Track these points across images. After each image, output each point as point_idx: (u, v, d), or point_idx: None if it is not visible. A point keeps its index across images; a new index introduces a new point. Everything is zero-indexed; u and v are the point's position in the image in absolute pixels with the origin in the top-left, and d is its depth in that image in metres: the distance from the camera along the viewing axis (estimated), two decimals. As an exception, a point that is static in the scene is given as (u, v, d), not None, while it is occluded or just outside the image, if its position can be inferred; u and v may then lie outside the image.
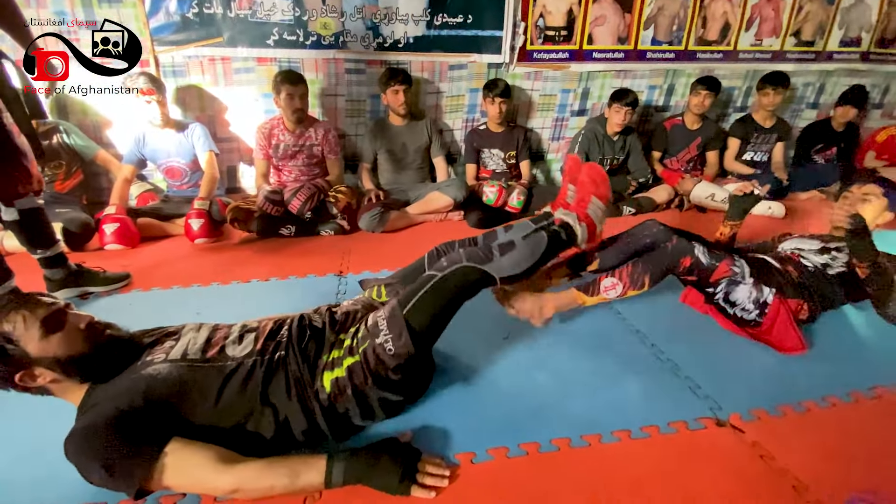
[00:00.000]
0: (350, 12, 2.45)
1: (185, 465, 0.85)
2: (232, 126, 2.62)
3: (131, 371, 0.94)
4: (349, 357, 1.01)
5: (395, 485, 0.91)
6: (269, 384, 0.97)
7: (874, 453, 1.05)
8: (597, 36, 2.78)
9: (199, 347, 1.00)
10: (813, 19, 3.01)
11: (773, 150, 3.02)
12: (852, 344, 1.47)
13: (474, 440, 1.06)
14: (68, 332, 0.89)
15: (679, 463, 1.02)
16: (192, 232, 2.20)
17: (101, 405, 0.87)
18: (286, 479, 0.88)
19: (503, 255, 1.15)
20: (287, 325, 1.09)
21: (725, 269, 1.34)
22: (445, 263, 1.10)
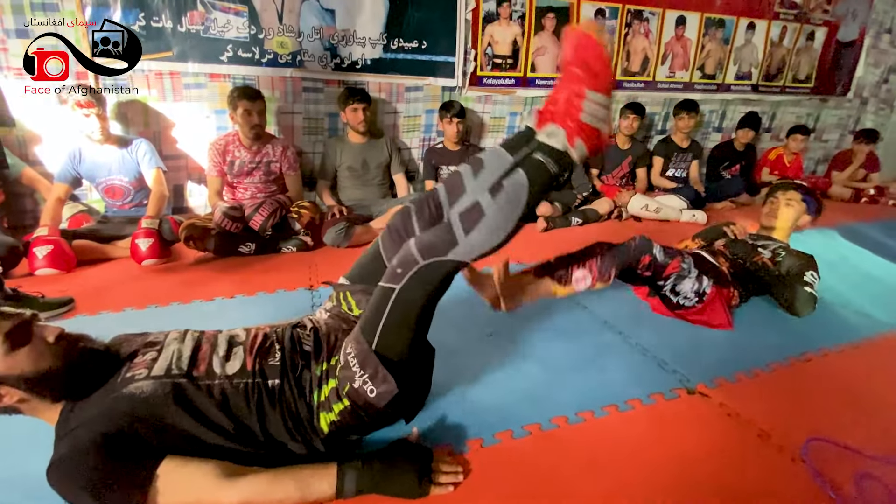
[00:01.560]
0: (308, 32, 2.49)
1: (184, 485, 0.78)
2: (180, 143, 2.51)
3: (110, 388, 0.84)
4: (337, 402, 0.90)
5: (415, 489, 0.88)
6: (265, 416, 0.89)
7: (816, 404, 1.23)
8: (539, 64, 3.04)
9: (184, 363, 0.89)
10: (713, 56, 3.54)
11: (689, 167, 3.45)
12: (780, 320, 1.69)
13: (480, 427, 1.09)
14: (35, 347, 0.79)
15: (664, 426, 1.13)
16: (139, 253, 2.05)
17: (81, 429, 0.78)
18: (295, 491, 0.83)
19: (470, 230, 0.86)
20: (278, 342, 0.99)
21: (676, 266, 1.48)
22: (399, 270, 0.88)
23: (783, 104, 4.03)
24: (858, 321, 1.71)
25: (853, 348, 1.52)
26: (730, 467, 1.01)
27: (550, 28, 2.99)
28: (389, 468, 0.88)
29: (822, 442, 1.07)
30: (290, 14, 2.44)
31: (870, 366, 1.43)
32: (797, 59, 3.90)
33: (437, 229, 0.90)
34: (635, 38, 3.25)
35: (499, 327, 1.52)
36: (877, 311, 1.80)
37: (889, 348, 1.55)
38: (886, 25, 4.23)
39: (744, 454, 1.05)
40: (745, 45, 3.62)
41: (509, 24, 2.89)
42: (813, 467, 1.00)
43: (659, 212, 2.94)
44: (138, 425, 0.80)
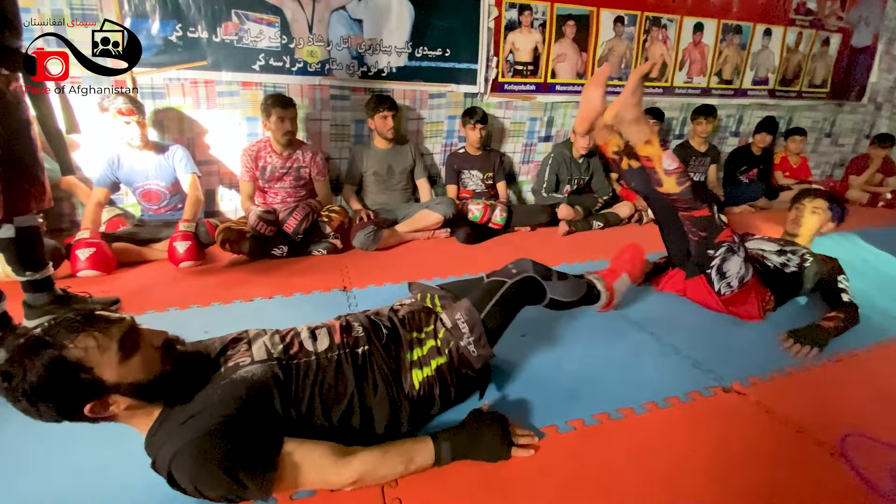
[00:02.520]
0: (336, 42, 2.56)
1: (309, 462, 0.84)
2: (212, 149, 2.58)
3: (218, 379, 0.88)
4: (437, 357, 1.05)
5: (499, 449, 0.97)
6: (361, 378, 0.98)
7: (849, 402, 1.26)
8: (559, 71, 3.10)
9: (279, 347, 0.98)
10: (730, 62, 3.57)
11: (707, 172, 3.48)
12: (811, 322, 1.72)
13: (526, 423, 1.13)
14: (145, 353, 0.80)
15: (703, 423, 1.16)
16: (177, 255, 2.12)
17: (200, 417, 0.80)
18: (401, 465, 0.91)
19: (559, 280, 1.24)
20: (355, 319, 1.11)
21: (729, 235, 1.51)
22: (514, 270, 1.16)
23: (799, 109, 4.06)
24: (885, 322, 1.73)
25: (882, 348, 1.55)
26: (769, 461, 1.04)
27: (571, 35, 3.05)
28: (476, 435, 0.98)
29: (859, 437, 1.11)
30: (320, 24, 2.52)
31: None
32: (813, 64, 3.92)
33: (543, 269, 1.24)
34: (654, 45, 3.29)
35: (533, 329, 1.57)
36: (902, 312, 1.82)
37: (917, 349, 1.58)
38: (900, 31, 4.24)
39: (782, 449, 1.08)
40: (761, 51, 3.66)
41: (530, 31, 2.95)
42: (851, 462, 1.04)
43: (678, 216, 2.97)
44: (255, 406, 0.85)
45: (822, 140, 4.36)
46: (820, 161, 4.46)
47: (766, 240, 1.93)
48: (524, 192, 3.33)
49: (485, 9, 2.80)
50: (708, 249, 1.54)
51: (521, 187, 3.33)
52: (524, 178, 3.31)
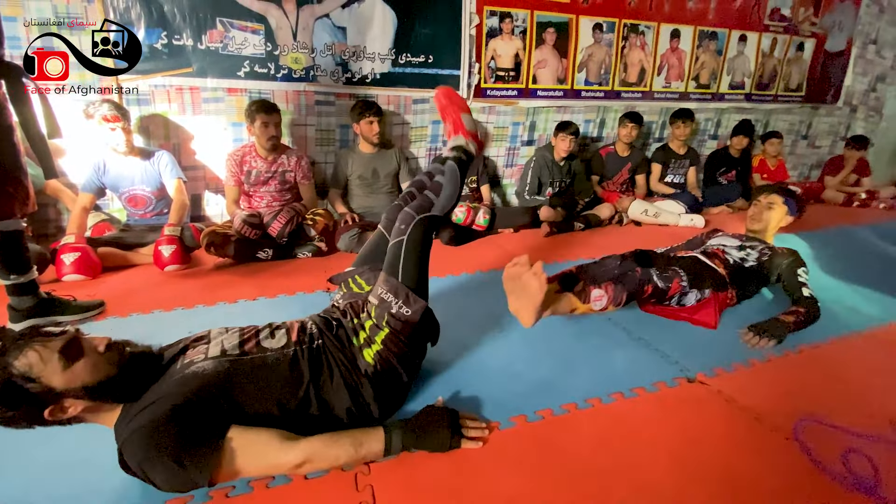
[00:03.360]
0: (320, 49, 2.61)
1: (253, 447, 0.89)
2: (198, 154, 2.62)
3: (171, 375, 0.95)
4: (378, 332, 1.11)
5: (448, 441, 1.02)
6: (316, 369, 1.04)
7: (807, 391, 1.32)
8: (540, 77, 3.17)
9: (235, 344, 1.03)
10: (707, 67, 3.68)
11: (687, 174, 3.57)
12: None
13: (495, 413, 1.18)
14: (90, 358, 0.87)
15: (666, 411, 1.22)
16: (162, 259, 2.14)
17: (152, 406, 0.87)
18: (351, 448, 0.95)
19: (437, 194, 1.31)
20: (310, 321, 1.18)
21: (676, 287, 1.59)
22: (402, 226, 1.21)
23: (776, 112, 4.17)
24: (848, 316, 1.80)
25: (843, 341, 1.61)
26: (727, 446, 1.10)
27: (551, 42, 3.13)
28: (426, 426, 1.03)
29: (812, 422, 1.17)
30: (304, 31, 2.57)
31: (858, 356, 1.53)
32: (788, 68, 4.04)
33: (421, 198, 1.33)
34: (632, 51, 3.38)
35: (508, 324, 1.61)
36: (865, 306, 1.90)
37: (875, 340, 1.64)
38: (872, 36, 4.38)
39: (740, 435, 1.14)
40: (737, 56, 3.76)
41: (511, 38, 3.02)
42: (804, 445, 1.09)
43: (658, 216, 3.05)
44: (204, 398, 0.90)
45: (799, 142, 4.48)
46: (797, 163, 4.57)
47: (730, 236, 2.00)
48: (508, 194, 3.39)
49: (466, 16, 2.87)
50: (664, 302, 1.66)
51: (505, 190, 3.39)
52: (508, 181, 3.37)
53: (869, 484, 0.99)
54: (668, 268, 1.63)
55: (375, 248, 1.43)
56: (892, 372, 1.44)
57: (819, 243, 2.73)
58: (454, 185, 1.33)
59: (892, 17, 4.40)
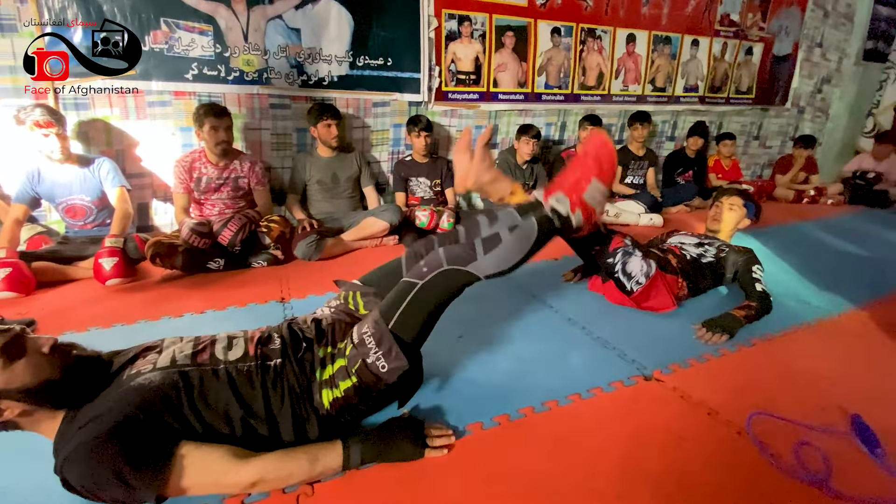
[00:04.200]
0: (273, 51, 2.53)
1: (204, 464, 0.84)
2: (144, 161, 2.48)
3: (117, 385, 0.89)
4: (345, 379, 0.98)
5: (411, 451, 0.97)
6: (268, 391, 0.96)
7: (760, 384, 1.33)
8: (500, 80, 3.18)
9: (187, 354, 0.96)
10: (662, 71, 3.78)
11: (646, 175, 3.64)
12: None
13: (453, 420, 1.14)
14: (32, 358, 0.81)
15: (623, 411, 1.20)
16: (103, 272, 2.00)
17: (93, 423, 0.81)
18: (307, 464, 0.90)
19: (487, 251, 1.04)
20: (277, 331, 1.08)
21: (619, 241, 1.62)
22: (425, 269, 1.03)
23: (728, 114, 4.33)
24: (799, 308, 1.85)
25: (793, 333, 1.65)
26: (681, 443, 1.09)
27: (510, 45, 3.14)
28: (388, 438, 0.98)
29: (765, 416, 1.17)
30: (256, 33, 2.48)
31: (809, 347, 1.56)
32: (738, 72, 4.20)
33: (463, 246, 1.08)
34: (590, 55, 3.44)
35: (469, 330, 1.58)
36: (814, 298, 1.96)
37: (824, 331, 1.69)
38: (817, 40, 4.62)
39: (693, 431, 1.13)
40: (690, 60, 3.89)
41: (471, 41, 3.01)
42: (756, 439, 1.10)
43: (619, 216, 3.09)
44: (149, 413, 0.84)
45: (751, 143, 4.66)
46: (750, 162, 4.76)
47: (689, 235, 2.04)
48: (474, 197, 3.37)
49: (424, 19, 2.84)
50: (606, 259, 1.64)
51: (471, 193, 3.37)
52: (472, 185, 3.35)
53: (820, 477, 0.99)
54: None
55: (388, 273, 1.24)
56: (840, 362, 1.48)
57: (771, 239, 2.82)
58: (518, 248, 1.06)
59: (835, 21, 4.65)
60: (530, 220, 1.10)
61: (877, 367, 1.47)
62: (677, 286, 1.75)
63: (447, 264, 1.03)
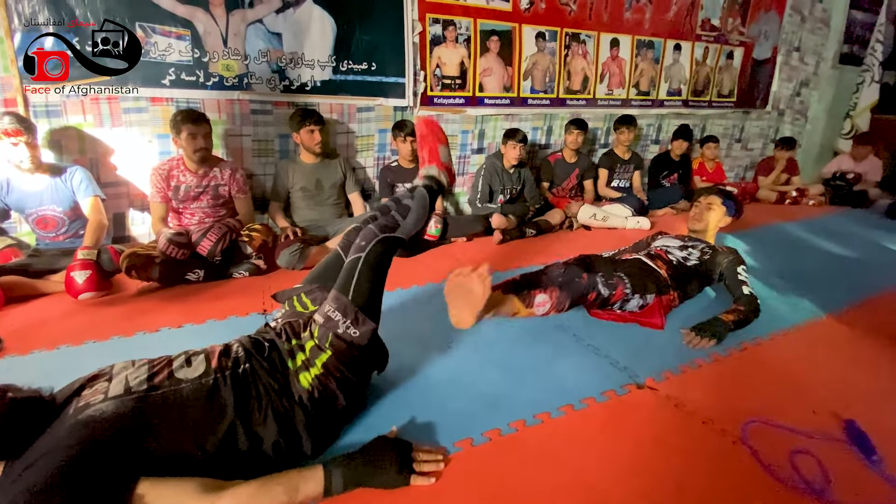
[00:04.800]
0: (254, 55, 2.47)
1: (167, 502, 0.76)
2: (120, 169, 2.40)
3: (62, 422, 0.81)
4: (320, 354, 1.02)
5: (395, 477, 0.92)
6: (243, 398, 0.92)
7: (753, 389, 1.32)
8: (486, 85, 3.16)
9: (142, 379, 0.89)
10: (646, 75, 3.80)
11: (632, 178, 3.66)
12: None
13: (442, 436, 1.10)
14: None
15: (616, 421, 1.17)
16: (75, 286, 1.92)
17: (37, 465, 0.73)
18: (284, 496, 0.83)
19: (405, 217, 1.28)
20: (237, 343, 1.05)
21: (620, 294, 1.59)
22: (363, 243, 1.16)
23: (711, 117, 4.38)
24: (787, 311, 1.85)
25: (783, 336, 1.65)
26: (677, 454, 1.06)
27: (495, 50, 3.13)
28: (372, 461, 0.93)
29: (759, 423, 1.15)
30: (235, 38, 2.42)
31: (798, 350, 1.56)
32: (720, 76, 4.26)
33: (386, 218, 1.28)
34: (575, 59, 3.44)
35: (459, 338, 1.54)
36: (802, 300, 1.96)
37: (814, 333, 1.69)
38: (795, 44, 4.71)
39: (689, 441, 1.11)
40: (673, 65, 3.92)
41: (455, 46, 2.99)
42: (751, 447, 1.07)
43: (606, 220, 3.09)
44: (101, 449, 0.76)
45: (734, 145, 4.72)
46: (733, 165, 4.82)
47: (673, 237, 2.03)
48: (461, 203, 3.34)
49: (409, 24, 2.81)
50: (608, 307, 1.65)
51: (457, 199, 3.34)
52: (460, 190, 3.33)
53: (819, 486, 0.97)
54: (614, 274, 1.62)
55: (329, 267, 1.32)
56: (829, 365, 1.48)
57: (756, 240, 2.84)
58: (422, 211, 1.32)
59: (812, 25, 4.75)
60: (420, 189, 1.37)
61: (865, 369, 1.47)
62: (670, 301, 1.73)
63: (381, 233, 1.18)
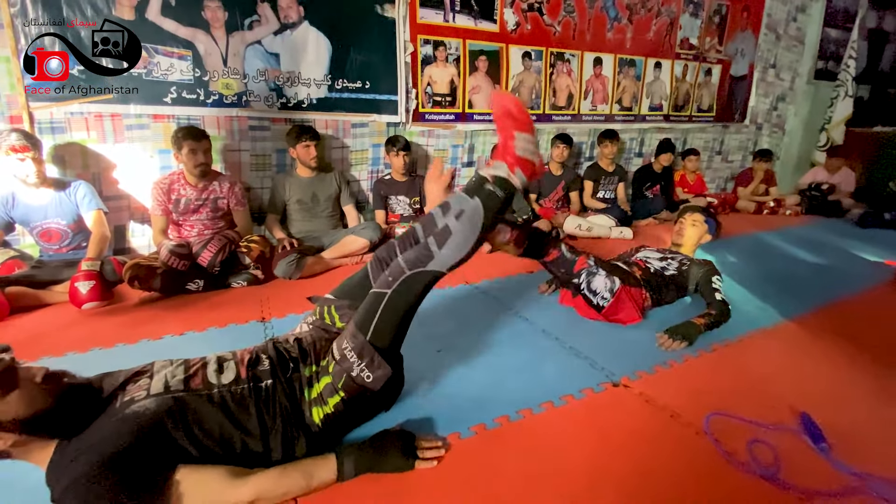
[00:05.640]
0: (252, 75, 2.59)
1: (202, 487, 0.86)
2: (121, 184, 2.49)
3: (110, 414, 0.89)
4: (333, 395, 1.04)
5: (402, 463, 1.01)
6: (263, 413, 0.99)
7: (719, 386, 1.43)
8: (475, 101, 3.30)
9: (180, 379, 0.98)
10: (628, 91, 3.98)
11: (617, 189, 3.80)
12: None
13: (431, 432, 1.18)
14: (25, 389, 0.81)
15: (592, 416, 1.27)
16: (79, 296, 1.99)
17: (89, 453, 0.81)
18: (302, 481, 0.93)
19: (442, 246, 1.07)
20: (264, 352, 1.12)
21: (583, 262, 1.75)
22: (390, 279, 1.08)
23: (692, 131, 4.56)
24: (758, 314, 1.98)
25: (750, 338, 1.76)
26: (646, 445, 1.16)
27: (483, 69, 3.27)
28: (380, 449, 1.02)
29: (721, 416, 1.26)
30: (235, 58, 2.54)
31: (763, 351, 1.67)
32: (699, 92, 4.45)
33: (418, 247, 1.12)
34: (559, 77, 3.60)
35: (447, 343, 1.64)
36: (772, 303, 2.08)
37: (780, 335, 1.81)
38: (771, 61, 4.93)
39: (657, 434, 1.21)
40: (654, 81, 4.10)
41: (446, 65, 3.13)
42: (713, 437, 1.18)
43: (591, 230, 3.22)
44: (145, 441, 0.85)
45: (714, 157, 4.91)
46: (714, 176, 5.00)
47: (654, 250, 2.16)
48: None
49: (401, 45, 2.95)
50: (572, 279, 1.78)
51: (447, 210, 3.45)
52: (450, 202, 3.44)
53: (771, 471, 1.08)
54: (581, 252, 1.78)
55: (358, 284, 1.30)
56: (792, 365, 1.59)
57: (733, 248, 2.98)
58: (469, 232, 1.09)
59: (787, 43, 4.98)
60: (475, 201, 1.12)
61: (823, 367, 1.59)
62: (642, 297, 1.85)
63: (409, 270, 1.07)
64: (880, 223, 3.79)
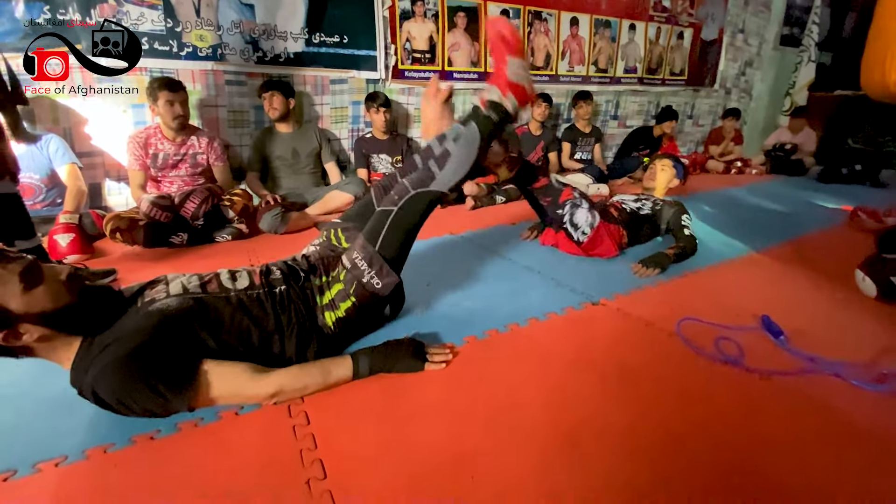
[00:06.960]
0: (227, 26, 2.53)
1: (227, 377, 0.91)
2: (94, 139, 2.42)
3: (133, 313, 0.93)
4: (345, 300, 1.11)
5: (413, 363, 1.08)
6: (279, 313, 1.04)
7: (688, 302, 1.54)
8: (455, 59, 3.30)
9: (196, 284, 1.02)
10: (604, 53, 4.04)
11: (593, 150, 3.89)
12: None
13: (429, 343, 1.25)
14: (50, 284, 0.84)
15: (573, 327, 1.36)
16: (59, 249, 1.96)
17: (116, 344, 0.85)
18: (319, 377, 1.00)
19: (442, 167, 1.15)
20: (275, 265, 1.17)
21: (569, 193, 1.86)
22: (396, 197, 1.15)
23: (665, 94, 4.67)
24: (723, 248, 2.11)
25: (717, 267, 1.89)
26: (623, 346, 1.26)
27: (462, 26, 3.27)
28: (393, 351, 1.09)
29: (691, 321, 1.37)
30: (208, 8, 2.47)
31: (729, 276, 1.81)
32: (672, 55, 4.55)
33: (421, 170, 1.19)
34: (537, 37, 3.63)
35: (435, 279, 1.69)
36: (737, 241, 2.22)
37: (744, 264, 1.95)
38: (739, 26, 5.06)
39: (634, 337, 1.31)
40: (629, 44, 4.17)
41: (424, 21, 3.12)
42: (684, 337, 1.28)
43: (570, 186, 3.30)
44: (171, 332, 0.90)
45: (686, 121, 5.05)
46: (686, 140, 5.16)
47: (629, 195, 2.27)
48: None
49: (378, -2, 2.92)
50: (556, 210, 1.86)
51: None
52: (431, 162, 3.47)
53: (736, 358, 1.19)
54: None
55: (363, 209, 1.36)
56: (754, 284, 1.73)
57: (703, 202, 3.12)
58: (466, 154, 1.15)
59: (755, 8, 5.11)
60: (471, 125, 1.18)
61: (786, 286, 1.72)
62: (619, 234, 1.95)
63: (413, 189, 1.15)
64: (839, 178, 4.02)
